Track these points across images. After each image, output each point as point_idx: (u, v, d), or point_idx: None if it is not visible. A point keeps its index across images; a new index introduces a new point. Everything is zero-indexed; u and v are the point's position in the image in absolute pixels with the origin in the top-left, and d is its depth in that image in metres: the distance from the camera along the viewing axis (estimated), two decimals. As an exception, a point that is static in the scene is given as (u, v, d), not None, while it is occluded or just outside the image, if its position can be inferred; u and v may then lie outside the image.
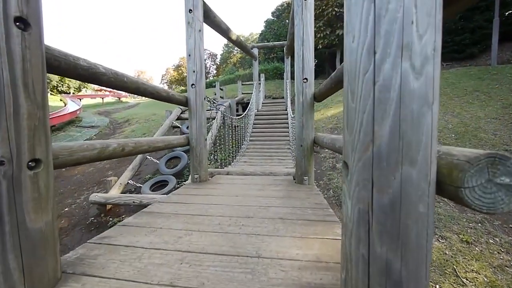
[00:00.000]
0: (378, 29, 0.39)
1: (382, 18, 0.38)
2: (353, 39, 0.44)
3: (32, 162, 0.63)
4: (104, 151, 1.08)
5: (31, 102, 0.62)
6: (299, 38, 1.78)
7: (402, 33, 0.37)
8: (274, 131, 5.55)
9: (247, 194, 1.62)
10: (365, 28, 0.41)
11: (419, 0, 0.37)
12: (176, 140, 1.84)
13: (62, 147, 0.87)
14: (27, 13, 0.61)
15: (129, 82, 1.26)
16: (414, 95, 0.38)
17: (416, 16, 0.37)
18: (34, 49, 0.63)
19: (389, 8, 0.38)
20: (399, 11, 0.37)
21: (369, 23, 0.40)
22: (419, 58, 0.37)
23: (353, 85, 0.44)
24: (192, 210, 1.31)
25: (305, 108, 1.81)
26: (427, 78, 0.37)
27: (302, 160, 1.83)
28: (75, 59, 0.92)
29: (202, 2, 1.96)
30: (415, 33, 0.37)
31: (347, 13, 0.46)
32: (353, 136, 0.44)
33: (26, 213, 0.62)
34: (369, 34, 0.40)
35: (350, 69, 0.45)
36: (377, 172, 0.41)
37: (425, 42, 0.37)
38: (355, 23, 0.43)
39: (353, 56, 0.43)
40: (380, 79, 0.39)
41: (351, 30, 0.44)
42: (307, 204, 1.36)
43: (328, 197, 3.46)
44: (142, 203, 3.24)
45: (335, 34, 10.12)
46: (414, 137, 0.38)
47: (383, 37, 0.38)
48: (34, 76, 0.63)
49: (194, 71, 1.94)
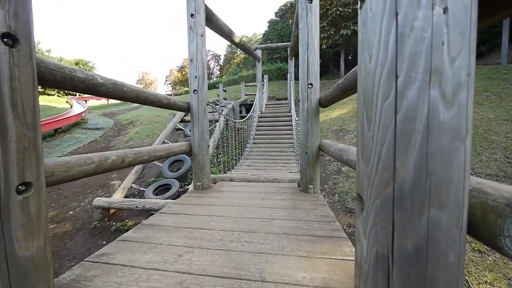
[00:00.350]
0: (401, 50, 0.34)
1: (406, 38, 0.33)
2: (370, 59, 0.38)
3: (22, 186, 0.59)
4: (103, 164, 1.05)
5: (20, 123, 0.58)
6: (304, 41, 1.72)
7: (431, 55, 0.32)
8: (277, 133, 5.49)
9: (251, 204, 1.57)
10: (385, 48, 0.35)
11: (451, 17, 0.31)
12: (177, 147, 1.81)
13: (57, 163, 0.84)
14: (15, 28, 0.57)
15: (128, 92, 1.23)
16: (444, 127, 0.32)
17: (447, 36, 0.31)
18: (23, 66, 0.59)
19: (415, 26, 0.32)
20: (427, 30, 0.32)
21: (390, 42, 0.35)
22: (451, 85, 0.32)
23: (370, 112, 0.38)
24: (194, 222, 1.27)
25: (310, 114, 1.75)
26: (459, 108, 0.32)
27: (307, 168, 1.78)
28: (71, 71, 0.89)
29: (204, 6, 1.92)
30: (446, 56, 0.31)
31: (362, 28, 0.41)
32: (369, 168, 0.39)
33: (16, 241, 0.58)
34: (390, 54, 0.35)
35: (366, 92, 0.39)
36: (399, 214, 0.35)
37: (458, 66, 0.31)
38: (372, 40, 0.37)
39: (370, 78, 0.38)
40: (403, 107, 0.34)
41: (367, 48, 0.39)
42: (313, 217, 1.31)
43: (333, 202, 3.38)
44: (145, 208, 3.22)
45: (339, 34, 9.99)
46: (443, 176, 0.33)
47: (407, 60, 0.33)
48: (24, 94, 0.59)
49: (196, 77, 1.90)
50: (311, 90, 1.74)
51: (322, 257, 0.90)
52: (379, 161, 0.37)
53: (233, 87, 13.09)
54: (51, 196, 4.67)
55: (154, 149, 1.48)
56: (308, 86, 1.73)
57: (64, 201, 4.50)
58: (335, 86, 1.28)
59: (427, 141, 0.33)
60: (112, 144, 8.01)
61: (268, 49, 8.38)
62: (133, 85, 1.29)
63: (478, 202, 0.35)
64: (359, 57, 0.42)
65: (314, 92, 1.74)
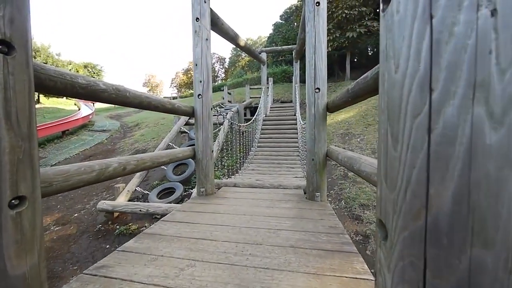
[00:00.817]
0: (436, 59, 0.29)
1: (443, 45, 0.28)
2: (396, 69, 0.33)
3: (15, 200, 0.56)
4: (104, 173, 1.02)
5: (15, 134, 0.55)
6: (311, 45, 1.68)
7: (475, 66, 0.27)
8: (282, 136, 5.44)
9: (255, 212, 1.52)
10: (417, 56, 0.30)
11: (500, 21, 0.26)
12: (181, 153, 1.77)
13: (56, 172, 0.81)
14: (11, 35, 0.54)
15: (131, 97, 1.20)
16: (490, 152, 0.27)
17: (496, 43, 0.26)
18: (19, 74, 0.56)
19: (455, 32, 0.27)
20: (470, 36, 0.27)
21: (423, 50, 0.30)
22: (500, 102, 0.26)
23: (396, 128, 0.33)
24: (197, 232, 1.23)
25: (317, 120, 1.70)
26: (510, 129, 0.27)
27: (313, 176, 1.72)
28: (72, 78, 0.86)
29: (210, 10, 1.90)
30: (494, 67, 0.26)
31: (386, 34, 0.36)
32: (395, 193, 0.34)
33: (7, 259, 0.54)
34: (423, 64, 0.30)
35: (392, 106, 0.34)
36: (433, 251, 0.30)
37: (509, 79, 0.26)
38: (400, 48, 0.33)
39: (397, 90, 0.33)
40: (439, 126, 0.29)
41: (393, 56, 0.34)
42: (321, 228, 1.25)
43: (340, 208, 3.29)
44: (149, 212, 3.21)
45: (345, 36, 9.92)
46: (490, 209, 0.27)
47: (445, 71, 0.28)
48: (19, 104, 0.56)
49: (200, 81, 1.88)
50: (318, 95, 1.68)
51: (332, 275, 0.85)
52: (407, 187, 0.32)
53: (237, 90, 13.11)
54: (57, 198, 4.71)
55: (157, 155, 1.45)
56: (315, 91, 1.68)
57: (70, 203, 4.53)
58: (345, 92, 1.23)
59: (469, 167, 0.27)
60: (118, 146, 8.08)
61: (273, 52, 8.35)
62: (136, 91, 1.26)
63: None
64: (381, 66, 0.37)
65: (321, 97, 1.69)
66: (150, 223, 3.42)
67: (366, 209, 3.16)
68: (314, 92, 1.69)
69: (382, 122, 0.37)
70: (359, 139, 5.16)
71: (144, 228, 3.36)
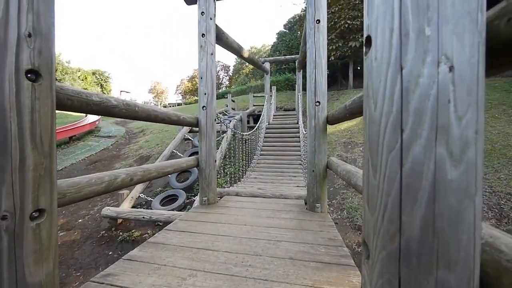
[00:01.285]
0: (406, 104, 0.34)
1: (411, 93, 0.33)
2: (375, 107, 0.38)
3: (36, 213, 0.62)
4: (113, 183, 1.08)
5: (38, 152, 0.62)
6: (312, 61, 1.75)
7: (437, 113, 0.32)
8: (285, 145, 5.48)
9: (256, 223, 1.55)
10: (390, 100, 0.35)
11: (457, 76, 0.31)
12: (185, 162, 1.83)
13: (69, 184, 0.87)
14: (39, 64, 0.62)
15: (140, 111, 1.27)
16: (451, 186, 0.31)
17: (453, 95, 0.31)
18: (44, 98, 0.63)
19: (420, 83, 0.32)
20: (432, 87, 0.32)
21: (395, 94, 0.35)
22: (458, 144, 0.31)
23: (375, 160, 0.38)
24: (199, 242, 1.27)
25: (318, 132, 1.75)
26: (468, 166, 0.31)
27: (314, 187, 1.75)
28: (87, 96, 0.94)
29: (215, 26, 2.00)
30: (452, 114, 0.31)
31: (367, 75, 0.41)
32: (375, 217, 0.38)
33: (26, 267, 0.60)
34: (395, 107, 0.35)
35: (372, 139, 0.39)
36: (406, 270, 0.34)
37: (465, 125, 0.31)
38: (377, 89, 0.38)
39: (375, 126, 0.38)
40: (408, 162, 0.33)
41: (372, 96, 0.39)
42: (320, 240, 1.27)
43: (342, 218, 3.29)
44: (152, 219, 3.25)
45: (348, 46, 10.06)
46: (452, 235, 0.32)
47: (413, 115, 0.33)
48: (43, 125, 0.63)
49: (205, 94, 1.95)
50: (318, 108, 1.74)
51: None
52: (385, 212, 0.36)
53: (241, 97, 13.29)
54: (62, 203, 4.79)
55: (161, 165, 1.51)
56: (316, 104, 1.74)
57: (75, 208, 4.60)
58: (343, 108, 1.28)
59: (434, 199, 0.32)
60: (122, 152, 8.21)
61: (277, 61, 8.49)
62: (144, 105, 1.33)
63: (491, 260, 0.34)
64: (364, 102, 0.42)
65: (321, 110, 1.74)
66: (152, 230, 3.46)
67: (368, 220, 3.14)
68: (315, 105, 1.74)
69: (365, 151, 0.42)
70: (362, 148, 5.17)
71: (146, 235, 3.39)
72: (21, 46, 0.58)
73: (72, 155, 8.22)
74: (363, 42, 0.42)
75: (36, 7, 0.60)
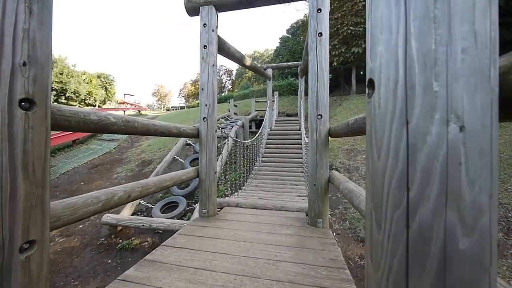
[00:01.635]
0: (412, 162, 0.31)
1: (418, 151, 0.31)
2: (378, 157, 0.36)
3: (26, 244, 0.60)
4: (109, 202, 1.06)
5: (30, 182, 0.60)
6: (313, 73, 1.73)
7: (446, 175, 0.29)
8: (287, 151, 5.44)
9: (256, 239, 1.52)
10: (395, 154, 0.33)
11: (468, 136, 0.29)
12: (185, 174, 1.81)
13: (65, 206, 0.85)
14: (33, 93, 0.60)
15: (139, 127, 1.26)
16: (464, 256, 0.29)
17: (465, 157, 0.29)
18: (37, 126, 0.62)
19: (428, 141, 0.30)
20: (441, 147, 0.29)
21: (401, 150, 0.32)
22: (471, 211, 0.28)
23: (379, 214, 0.36)
24: (197, 261, 1.24)
25: (319, 145, 1.72)
26: (481, 235, 0.28)
27: (315, 201, 1.72)
28: (85, 115, 0.92)
29: (217, 37, 2.00)
30: (464, 178, 0.29)
31: (370, 121, 0.39)
32: (379, 276, 0.36)
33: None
34: (401, 163, 0.32)
35: (375, 189, 0.37)
36: None
37: (478, 190, 0.28)
38: (381, 139, 0.35)
39: (379, 177, 0.36)
40: (415, 224, 0.31)
41: (376, 145, 0.37)
42: (321, 260, 1.24)
43: (344, 229, 3.23)
44: (151, 227, 3.22)
45: (350, 51, 10.07)
46: (465, 310, 0.29)
47: (420, 174, 0.30)
48: (35, 154, 0.61)
49: (206, 105, 1.94)
50: (320, 121, 1.71)
51: (330, 319, 0.84)
52: (389, 274, 0.34)
53: (243, 102, 13.33)
54: (63, 208, 4.79)
55: (160, 179, 1.49)
56: (318, 117, 1.72)
57: (75, 213, 4.59)
58: (345, 124, 1.26)
59: (444, 268, 0.29)
60: (125, 156, 8.24)
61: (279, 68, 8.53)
62: (144, 119, 1.32)
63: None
64: (367, 149, 0.40)
65: (323, 123, 1.71)
66: (152, 238, 3.43)
67: (371, 231, 3.07)
68: (317, 119, 1.72)
69: (367, 201, 0.40)
70: (365, 156, 5.11)
71: (146, 244, 3.36)
72: (16, 75, 0.57)
73: (74, 158, 8.27)
74: (366, 83, 0.40)
75: (32, 36, 0.59)
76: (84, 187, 5.95)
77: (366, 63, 0.41)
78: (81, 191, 5.75)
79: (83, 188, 5.90)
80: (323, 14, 1.72)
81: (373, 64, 0.37)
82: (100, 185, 5.92)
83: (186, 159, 5.46)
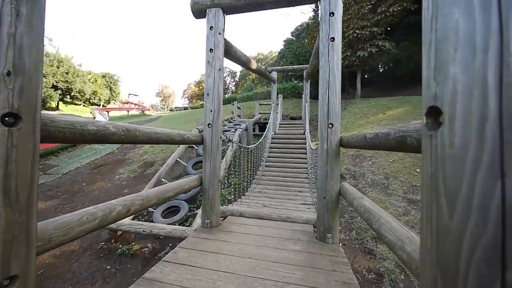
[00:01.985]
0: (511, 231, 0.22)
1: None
2: (450, 214, 0.28)
3: (6, 281, 0.52)
4: (107, 218, 0.98)
5: (12, 209, 0.52)
6: (325, 81, 1.64)
7: None
8: (291, 156, 5.34)
9: (262, 255, 1.42)
10: (481, 215, 0.25)
11: None
12: (187, 183, 1.73)
13: (56, 226, 0.77)
14: (18, 106, 0.53)
15: (141, 136, 1.19)
16: None
17: None
18: (23, 144, 0.54)
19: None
20: None
21: (491, 211, 0.24)
22: None
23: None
24: (198, 281, 1.15)
25: (330, 156, 1.62)
26: None
27: (325, 215, 1.62)
28: (82, 125, 0.85)
29: (224, 41, 1.93)
30: None
31: (435, 163, 0.30)
32: None
33: None
34: (491, 229, 0.24)
35: (443, 259, 0.28)
36: None
37: None
38: (455, 189, 0.27)
39: (450, 243, 0.27)
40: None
41: (446, 196, 0.29)
42: (333, 284, 1.14)
43: (351, 240, 3.11)
44: (152, 232, 3.14)
45: (356, 55, 9.96)
46: None
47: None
48: (20, 176, 0.53)
49: (211, 111, 1.87)
50: (331, 130, 1.62)
51: None
52: None
53: (247, 104, 13.26)
54: (64, 210, 4.75)
55: (162, 190, 1.41)
56: (329, 126, 1.62)
57: (76, 215, 4.54)
58: (362, 137, 1.16)
59: None
60: (127, 157, 8.21)
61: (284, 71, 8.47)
62: (145, 128, 1.25)
63: None
64: (426, 195, 0.31)
65: (334, 133, 1.62)
66: (152, 244, 3.35)
67: (379, 243, 2.96)
68: (328, 128, 1.63)
69: (425, 262, 0.31)
70: (371, 162, 4.99)
71: (146, 249, 3.28)
72: (-3, 87, 0.49)
73: (77, 158, 8.26)
74: (426, 112, 0.31)
75: (19, 41, 0.52)
76: (86, 188, 5.91)
77: (425, 87, 0.33)
78: (83, 192, 5.71)
79: (85, 189, 5.86)
80: (335, 18, 1.63)
81: (440, 89, 0.28)
82: (102, 186, 5.88)
83: (188, 162, 5.39)
